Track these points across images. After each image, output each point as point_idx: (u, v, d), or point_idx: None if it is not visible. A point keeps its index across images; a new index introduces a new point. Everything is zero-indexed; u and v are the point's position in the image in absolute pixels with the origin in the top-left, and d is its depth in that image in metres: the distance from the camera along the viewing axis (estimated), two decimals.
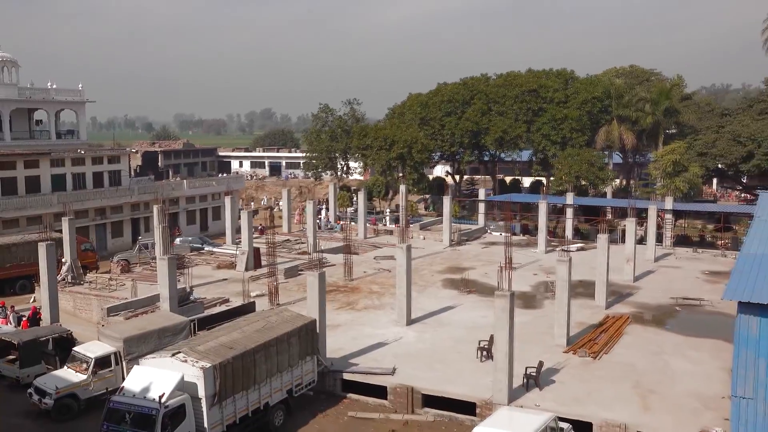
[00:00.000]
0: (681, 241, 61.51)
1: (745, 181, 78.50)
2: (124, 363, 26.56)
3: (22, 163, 60.23)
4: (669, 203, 58.82)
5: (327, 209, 73.48)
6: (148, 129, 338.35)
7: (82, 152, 66.97)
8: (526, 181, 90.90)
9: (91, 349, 27.41)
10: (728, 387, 23.06)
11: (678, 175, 66.04)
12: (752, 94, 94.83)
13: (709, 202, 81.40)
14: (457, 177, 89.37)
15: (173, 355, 22.53)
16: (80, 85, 74.30)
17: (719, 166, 72.63)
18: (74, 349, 28.18)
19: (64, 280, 41.92)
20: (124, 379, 23.80)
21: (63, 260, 42.87)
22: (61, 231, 44.27)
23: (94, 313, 38.03)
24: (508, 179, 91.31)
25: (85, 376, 26.40)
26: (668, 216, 58.65)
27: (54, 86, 71.86)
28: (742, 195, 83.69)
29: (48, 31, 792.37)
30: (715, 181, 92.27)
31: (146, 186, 70.84)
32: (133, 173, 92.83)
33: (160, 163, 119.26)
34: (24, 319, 35.42)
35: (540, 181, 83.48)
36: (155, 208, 49.05)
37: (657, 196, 64.90)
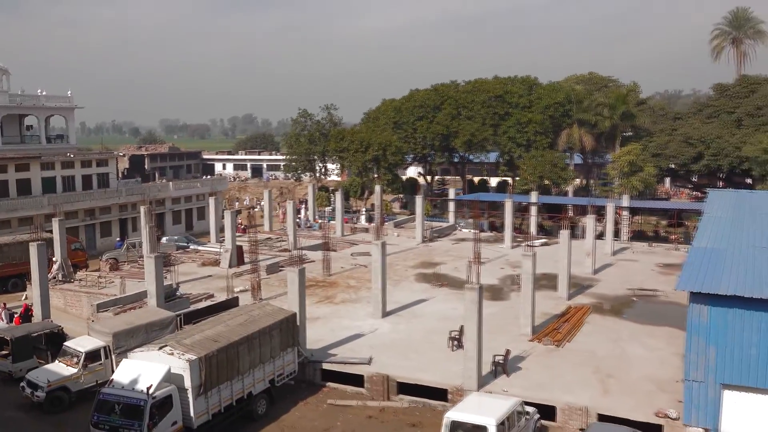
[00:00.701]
0: (637, 236, 62.13)
1: (695, 180, 79.38)
2: (113, 356, 26.29)
3: (13, 167, 59.28)
4: (626, 201, 59.47)
5: (306, 209, 73.24)
6: (134, 133, 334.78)
7: (72, 156, 66.16)
8: (494, 181, 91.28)
9: (82, 343, 27.11)
10: (681, 371, 23.40)
11: (634, 175, 66.87)
12: (702, 99, 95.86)
13: (663, 200, 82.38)
14: (429, 177, 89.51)
15: (160, 348, 22.34)
16: (69, 92, 73.39)
17: (672, 166, 73.40)
18: (65, 343, 27.86)
19: (54, 278, 41.34)
20: (113, 371, 23.53)
21: (54, 259, 42.31)
22: (51, 231, 43.71)
23: (84, 309, 37.53)
24: (476, 179, 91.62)
25: (75, 370, 26.09)
26: (625, 213, 59.31)
27: (44, 93, 70.96)
28: (693, 193, 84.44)
29: (39, 40, 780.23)
30: (668, 180, 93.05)
31: (133, 188, 70.04)
32: (120, 176, 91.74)
33: (146, 166, 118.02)
34: (16, 315, 34.93)
35: (506, 181, 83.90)
36: (142, 209, 48.55)
37: (615, 195, 65.58)
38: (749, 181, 67.74)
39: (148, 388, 20.45)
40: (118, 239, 61.23)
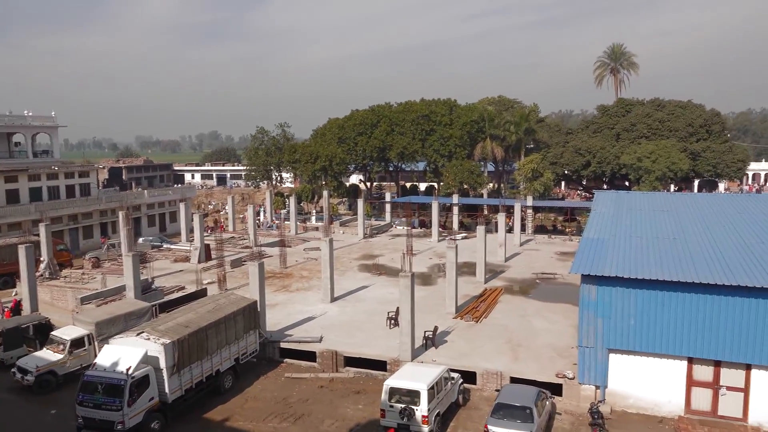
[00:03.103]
0: (539, 229, 63.45)
1: (584, 183, 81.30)
2: (96, 343, 25.32)
3: (2, 179, 56.40)
4: (530, 201, 60.68)
5: (265, 212, 72.12)
6: (113, 148, 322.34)
7: (56, 168, 63.32)
8: (422, 186, 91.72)
9: (67, 332, 26.03)
10: (575, 340, 23.97)
11: (536, 180, 68.20)
12: (588, 117, 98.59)
13: (559, 200, 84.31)
14: (369, 183, 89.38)
15: (138, 334, 21.61)
16: (53, 113, 70.13)
17: (566, 172, 74.67)
18: (52, 333, 26.71)
19: (42, 275, 39.46)
20: (96, 356, 22.65)
21: (41, 259, 40.41)
22: (38, 235, 41.75)
23: (69, 302, 35.92)
24: (408, 184, 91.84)
25: (62, 356, 25.04)
26: (529, 211, 60.51)
27: (30, 113, 67.66)
28: (583, 194, 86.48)
29: (26, 67, 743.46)
30: (563, 183, 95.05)
31: (112, 196, 67.53)
32: (101, 185, 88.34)
33: (124, 177, 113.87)
34: (7, 309, 33.36)
35: (433, 186, 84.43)
36: (120, 214, 46.84)
37: (521, 196, 66.69)
38: (627, 183, 69.92)
39: (128, 369, 19.76)
40: (101, 240, 58.94)
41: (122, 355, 20.58)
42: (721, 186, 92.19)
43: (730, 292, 20.15)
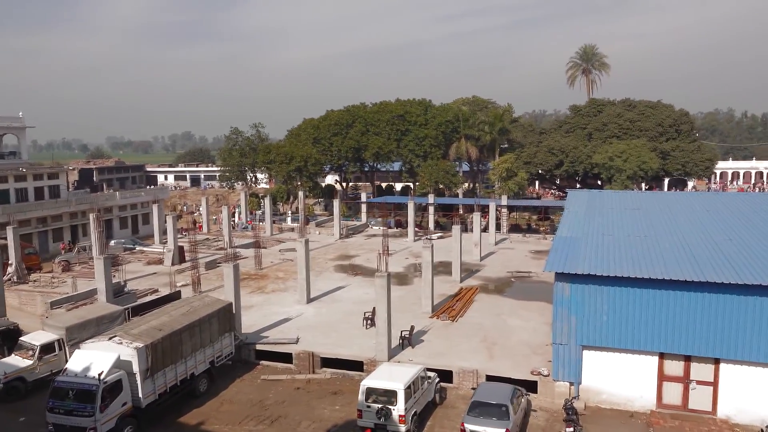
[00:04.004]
0: (514, 228, 63.97)
1: (558, 182, 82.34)
2: (66, 348, 24.76)
3: None
4: (504, 200, 61.09)
5: (239, 213, 71.50)
6: (83, 149, 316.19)
7: (24, 170, 61.86)
8: (398, 186, 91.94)
9: (36, 337, 25.39)
10: (550, 337, 24.17)
11: (510, 179, 68.81)
12: (561, 117, 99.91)
13: (533, 199, 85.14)
14: (344, 184, 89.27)
15: (110, 338, 21.22)
16: (20, 113, 68.51)
17: (539, 171, 75.46)
18: (21, 338, 26.00)
19: (10, 280, 38.56)
20: (67, 361, 22.12)
21: (9, 263, 39.48)
22: (6, 239, 40.74)
23: (38, 307, 35.13)
24: (383, 185, 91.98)
25: (31, 362, 24.43)
26: (504, 210, 60.96)
27: None
28: (557, 193, 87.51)
29: None
30: (537, 182, 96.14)
31: (83, 198, 66.03)
32: (71, 187, 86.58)
33: (95, 179, 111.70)
34: None
35: (408, 186, 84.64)
36: (91, 216, 45.98)
37: (495, 195, 67.28)
38: (599, 182, 70.95)
39: (100, 374, 19.39)
40: (61, 246, 57.26)
41: (94, 359, 20.19)
42: (690, 184, 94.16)
43: (699, 288, 20.57)
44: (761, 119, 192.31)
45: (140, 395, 20.61)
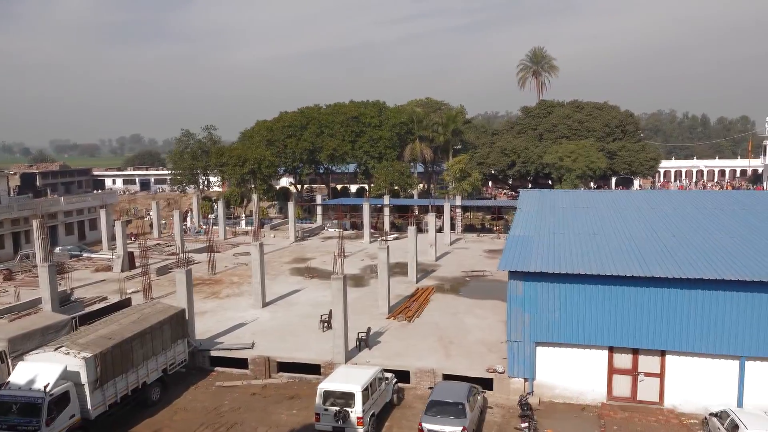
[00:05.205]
0: (468, 228, 64.73)
1: (510, 182, 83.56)
2: (9, 360, 23.61)
3: None
4: (458, 201, 61.87)
5: (192, 217, 70.06)
6: (25, 153, 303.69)
7: None
8: (353, 188, 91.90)
9: None
10: (505, 334, 24.62)
11: (464, 180, 69.64)
12: (513, 118, 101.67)
13: (487, 199, 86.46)
14: (299, 186, 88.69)
15: (56, 349, 20.46)
16: None
17: (492, 172, 76.25)
18: None
19: None
20: (9, 374, 21.18)
21: None
22: None
23: None
24: (339, 186, 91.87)
25: None
26: (458, 210, 61.71)
27: None
28: (510, 193, 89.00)
29: None
30: (490, 183, 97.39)
31: (25, 203, 63.46)
32: (12, 192, 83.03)
33: (38, 183, 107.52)
34: None
35: (363, 187, 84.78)
36: (34, 222, 44.23)
37: (450, 196, 67.95)
38: (550, 182, 72.46)
39: (45, 387, 18.65)
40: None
41: (39, 371, 19.42)
42: (636, 183, 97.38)
43: (645, 283, 21.30)
44: (701, 120, 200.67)
45: (89, 407, 19.95)
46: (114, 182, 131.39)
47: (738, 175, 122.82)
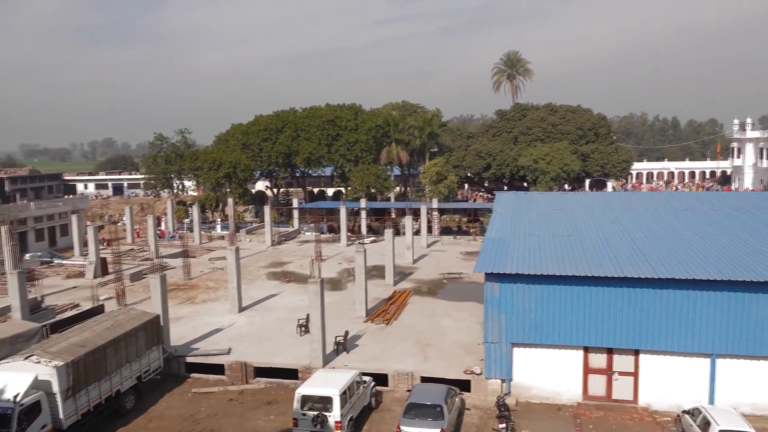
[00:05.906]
0: (445, 231, 65.10)
1: (486, 185, 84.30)
2: None
3: None
4: (435, 203, 62.10)
5: (166, 221, 69.16)
6: None
7: None
8: (330, 191, 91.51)
9: None
10: (481, 336, 24.74)
11: (440, 183, 69.77)
12: (488, 122, 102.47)
13: (463, 201, 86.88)
14: (275, 190, 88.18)
15: (26, 357, 19.99)
16: None
17: (468, 174, 76.96)
18: None
19: None
20: None
21: None
22: None
23: None
24: (315, 190, 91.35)
25: None
26: (435, 213, 61.94)
27: None
28: (485, 195, 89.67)
29: None
30: (466, 185, 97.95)
31: None
32: None
33: (6, 188, 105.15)
34: None
35: (340, 191, 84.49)
36: (2, 228, 43.21)
37: (426, 199, 68.11)
38: (525, 184, 73.21)
39: (15, 396, 18.20)
40: None
41: (9, 381, 18.96)
42: (609, 185, 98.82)
43: (619, 283, 21.63)
44: (671, 123, 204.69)
45: (61, 416, 19.53)
46: (86, 187, 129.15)
47: (708, 176, 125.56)
